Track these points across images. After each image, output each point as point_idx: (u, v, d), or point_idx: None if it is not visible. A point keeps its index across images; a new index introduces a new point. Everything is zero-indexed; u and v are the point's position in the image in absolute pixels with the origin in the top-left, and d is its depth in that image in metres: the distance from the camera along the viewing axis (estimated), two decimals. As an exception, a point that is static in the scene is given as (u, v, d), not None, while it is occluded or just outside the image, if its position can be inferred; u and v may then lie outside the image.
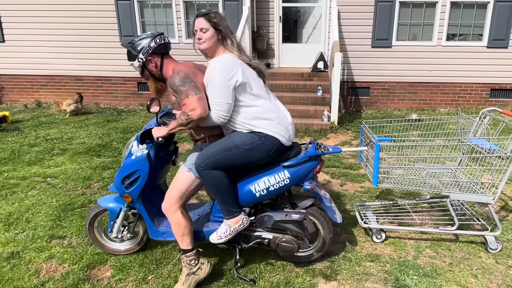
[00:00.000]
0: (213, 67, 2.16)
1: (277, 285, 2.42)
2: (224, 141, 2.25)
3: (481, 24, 7.23)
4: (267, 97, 2.31)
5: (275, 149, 2.28)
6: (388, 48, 7.44)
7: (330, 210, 2.48)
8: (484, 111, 2.99)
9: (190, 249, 2.35)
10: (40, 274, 2.58)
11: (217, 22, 2.17)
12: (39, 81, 8.34)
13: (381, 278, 2.49)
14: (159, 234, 2.56)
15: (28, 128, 6.46)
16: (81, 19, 7.79)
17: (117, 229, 2.63)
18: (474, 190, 2.77)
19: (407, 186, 2.81)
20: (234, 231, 2.33)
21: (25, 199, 3.71)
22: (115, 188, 2.53)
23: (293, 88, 7.06)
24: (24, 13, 7.88)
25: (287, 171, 2.34)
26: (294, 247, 2.42)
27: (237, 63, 2.18)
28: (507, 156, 2.57)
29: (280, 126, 2.27)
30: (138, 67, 2.27)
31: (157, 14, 7.74)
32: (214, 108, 2.16)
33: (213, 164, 2.21)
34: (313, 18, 7.96)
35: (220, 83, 2.12)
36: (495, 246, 2.74)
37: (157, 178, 2.58)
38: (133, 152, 2.47)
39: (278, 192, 2.37)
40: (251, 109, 2.23)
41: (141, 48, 2.21)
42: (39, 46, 8.03)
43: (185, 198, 2.35)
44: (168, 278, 2.50)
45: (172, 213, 2.32)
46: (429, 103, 7.69)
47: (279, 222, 2.38)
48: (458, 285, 2.42)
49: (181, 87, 2.12)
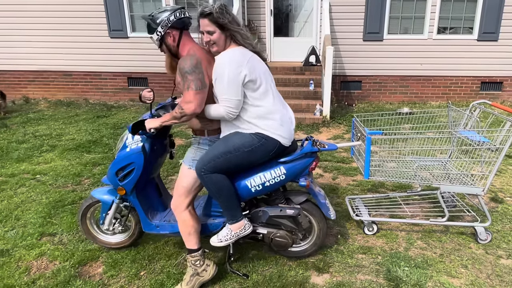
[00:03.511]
0: (221, 62, 2.11)
1: (270, 278, 2.43)
2: (223, 144, 2.21)
3: (471, 17, 7.26)
4: (273, 95, 2.25)
5: (276, 151, 2.27)
6: (380, 42, 7.45)
7: (324, 207, 2.49)
8: (474, 104, 3.01)
9: (196, 249, 2.34)
10: (31, 271, 2.55)
11: (223, 22, 2.09)
12: (26, 76, 8.19)
13: (373, 270, 2.51)
14: (153, 227, 2.55)
15: (16, 124, 6.35)
16: (69, 13, 7.64)
17: (109, 221, 2.60)
18: (464, 182, 2.80)
19: (398, 178, 2.83)
20: (235, 235, 2.32)
21: (14, 196, 3.66)
22: (109, 181, 2.50)
23: (285, 82, 7.04)
24: (11, 7, 7.71)
25: (283, 167, 2.34)
26: (288, 242, 2.42)
27: (246, 57, 2.13)
28: (496, 148, 2.59)
29: (282, 127, 2.24)
30: (157, 41, 2.21)
31: (146, 8, 7.64)
32: (224, 104, 2.12)
33: (214, 168, 2.19)
34: (304, 12, 7.93)
35: (228, 78, 2.07)
36: (485, 237, 2.78)
37: (152, 171, 2.56)
38: (127, 145, 2.44)
39: (274, 187, 2.37)
40: (256, 108, 2.19)
41: (160, 21, 2.15)
42: (26, 41, 7.88)
43: (192, 194, 2.33)
44: (161, 273, 2.49)
45: (180, 211, 2.30)
46: (420, 97, 7.74)
47: (273, 217, 2.39)
48: (448, 275, 2.45)
49: (189, 74, 2.06)
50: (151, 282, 2.41)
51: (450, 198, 3.27)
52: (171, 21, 2.15)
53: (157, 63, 7.63)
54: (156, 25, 2.16)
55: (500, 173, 4.01)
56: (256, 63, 2.18)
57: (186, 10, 2.24)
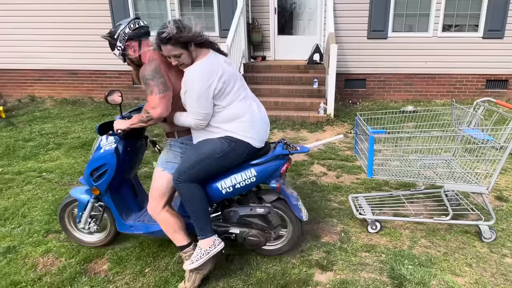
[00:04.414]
0: (191, 77, 2.10)
1: (274, 276, 2.44)
2: (195, 153, 2.24)
3: (476, 14, 7.21)
4: (242, 98, 2.26)
5: (247, 153, 2.29)
6: (384, 40, 7.42)
7: (296, 208, 2.51)
8: (478, 102, 3.00)
9: (186, 245, 2.35)
10: (37, 268, 2.58)
11: (185, 41, 2.05)
12: (32, 75, 8.26)
13: (376, 268, 2.51)
14: (127, 228, 2.60)
15: (22, 123, 6.41)
16: (75, 12, 7.69)
17: (85, 220, 2.66)
18: (468, 181, 2.79)
19: (402, 177, 2.82)
20: (205, 254, 2.28)
21: (21, 194, 3.70)
22: (84, 181, 2.55)
23: (289, 80, 7.04)
24: (17, 6, 7.77)
25: (254, 169, 2.37)
26: (260, 241, 2.44)
27: (215, 69, 2.12)
28: (500, 146, 2.58)
29: (252, 129, 2.25)
30: (120, 55, 2.26)
31: (150, 7, 7.66)
32: (193, 116, 2.16)
33: (189, 178, 2.23)
34: (308, 10, 7.91)
35: (198, 94, 2.09)
36: (489, 235, 2.77)
37: (126, 172, 2.59)
38: (102, 146, 2.49)
39: (245, 189, 2.40)
40: (224, 113, 2.20)
41: (117, 35, 2.19)
42: (32, 40, 7.94)
43: (166, 196, 2.36)
44: (165, 270, 2.51)
45: (157, 214, 2.33)
46: (425, 95, 7.70)
47: (244, 216, 2.41)
48: (452, 274, 2.45)
49: (150, 80, 2.11)
50: (156, 279, 2.43)
51: (454, 197, 3.26)
52: (127, 33, 2.19)
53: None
54: (114, 41, 2.20)
55: (505, 171, 3.99)
56: (225, 70, 2.17)
57: (140, 20, 2.27)
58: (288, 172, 4.11)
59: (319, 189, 3.69)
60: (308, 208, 3.30)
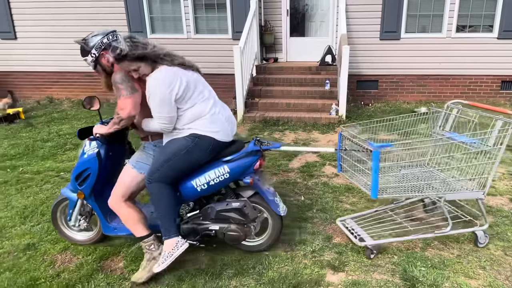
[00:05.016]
0: (152, 84, 2.24)
1: (286, 275, 2.46)
2: (162, 154, 2.36)
3: (491, 15, 7.10)
4: (206, 99, 2.39)
5: (212, 147, 2.38)
6: (397, 41, 7.37)
7: (273, 204, 2.56)
8: (449, 104, 2.91)
9: (146, 235, 2.47)
10: (56, 264, 2.66)
11: (139, 54, 2.22)
12: (50, 77, 8.45)
13: (388, 269, 2.51)
14: (111, 229, 2.69)
15: (41, 124, 6.58)
16: (92, 15, 7.85)
17: (75, 218, 2.75)
18: (463, 187, 2.71)
19: (407, 193, 2.63)
20: (169, 256, 2.37)
21: (40, 193, 3.81)
22: (71, 185, 2.66)
23: (301, 82, 7.05)
24: (35, 10, 7.98)
25: (227, 166, 2.44)
26: (240, 235, 2.49)
27: (175, 75, 2.26)
28: (490, 149, 2.52)
29: (213, 124, 2.36)
30: (91, 62, 2.36)
31: (165, 10, 7.77)
32: (157, 121, 2.30)
33: (159, 178, 2.34)
34: (321, 11, 7.92)
35: (160, 99, 2.23)
36: (484, 240, 2.74)
37: (110, 176, 2.66)
38: (85, 151, 2.59)
39: (219, 186, 2.47)
40: (187, 113, 2.33)
41: (93, 44, 2.31)
42: (50, 43, 8.12)
43: (129, 193, 2.48)
44: (180, 269, 2.56)
45: (117, 208, 2.45)
46: (438, 96, 7.62)
47: (221, 211, 2.47)
48: (466, 276, 2.43)
49: (119, 84, 2.26)
50: (170, 276, 2.48)
51: (430, 206, 3.19)
52: (104, 43, 2.31)
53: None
54: (90, 48, 2.32)
55: None
56: (184, 75, 2.31)
57: (118, 34, 2.37)
58: (300, 173, 4.13)
59: (331, 190, 3.70)
60: (320, 209, 3.32)
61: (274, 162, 4.47)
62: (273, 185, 3.89)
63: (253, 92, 6.93)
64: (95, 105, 2.62)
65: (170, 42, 7.81)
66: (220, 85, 7.96)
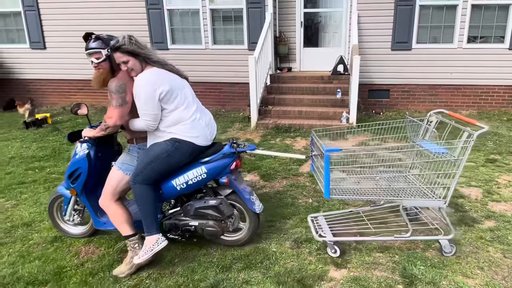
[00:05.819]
0: (138, 84, 2.44)
1: (291, 270, 2.63)
2: (145, 156, 2.56)
3: (503, 26, 7.16)
4: (189, 104, 2.58)
5: (191, 151, 2.58)
6: (408, 51, 7.49)
7: (249, 202, 2.75)
8: (431, 113, 2.94)
9: (132, 234, 2.66)
10: (80, 255, 2.89)
11: (132, 50, 2.42)
12: (76, 85, 8.87)
13: (389, 267, 2.64)
14: (101, 224, 2.90)
15: (66, 128, 6.94)
16: (115, 27, 8.16)
17: (69, 213, 2.98)
18: (425, 194, 2.73)
19: (361, 196, 2.72)
20: (149, 250, 2.56)
21: (65, 192, 4.08)
22: (64, 183, 2.89)
23: (313, 90, 7.23)
24: (64, 22, 8.42)
25: (204, 167, 2.64)
26: (217, 231, 2.69)
27: (159, 76, 2.47)
28: (455, 159, 2.55)
29: (193, 129, 2.56)
30: (105, 55, 2.52)
31: (185, 21, 8.10)
32: (143, 118, 2.49)
33: (142, 179, 2.54)
34: (333, 23, 8.11)
35: (145, 97, 2.43)
36: (449, 250, 2.75)
37: (100, 175, 2.86)
38: (77, 152, 2.82)
39: (198, 185, 2.67)
40: (170, 117, 2.53)
41: (114, 42, 2.46)
42: (76, 52, 8.50)
43: (118, 193, 2.68)
44: (193, 261, 2.76)
45: (107, 207, 2.65)
46: (450, 105, 7.67)
47: (199, 208, 2.67)
48: (464, 275, 2.53)
49: (113, 93, 2.46)
50: (183, 268, 2.68)
51: (413, 210, 3.24)
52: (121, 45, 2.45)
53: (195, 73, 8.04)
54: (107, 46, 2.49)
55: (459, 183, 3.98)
56: (169, 78, 2.52)
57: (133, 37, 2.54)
58: (309, 177, 4.29)
59: (338, 194, 3.84)
60: (326, 211, 3.46)
61: (285, 167, 4.64)
62: (251, 184, 4.08)
63: (267, 100, 7.14)
64: (83, 110, 2.88)
65: (189, 53, 8.13)
66: (236, 93, 8.24)
